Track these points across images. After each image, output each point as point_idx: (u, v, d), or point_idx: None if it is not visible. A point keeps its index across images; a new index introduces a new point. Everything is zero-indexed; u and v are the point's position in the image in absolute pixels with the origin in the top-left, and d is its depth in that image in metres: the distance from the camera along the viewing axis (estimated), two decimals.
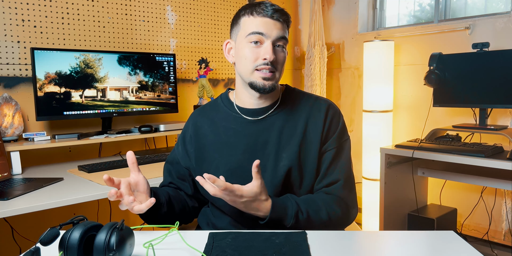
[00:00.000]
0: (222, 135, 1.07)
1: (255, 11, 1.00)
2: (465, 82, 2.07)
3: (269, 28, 1.00)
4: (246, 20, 1.02)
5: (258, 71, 1.00)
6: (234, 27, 1.06)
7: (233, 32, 1.07)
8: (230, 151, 1.05)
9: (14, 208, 1.22)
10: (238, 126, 1.07)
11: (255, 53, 1.00)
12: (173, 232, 0.89)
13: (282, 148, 1.04)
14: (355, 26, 2.87)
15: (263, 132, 1.06)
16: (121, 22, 2.21)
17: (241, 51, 1.02)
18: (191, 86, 2.53)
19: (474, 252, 0.80)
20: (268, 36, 1.00)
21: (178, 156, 1.13)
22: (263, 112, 1.07)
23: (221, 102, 1.14)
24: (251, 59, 1.00)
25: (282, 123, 1.06)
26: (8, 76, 1.87)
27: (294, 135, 1.05)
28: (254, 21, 1.00)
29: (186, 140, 1.13)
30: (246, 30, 1.01)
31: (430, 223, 2.15)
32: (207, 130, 1.09)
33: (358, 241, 0.89)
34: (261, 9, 1.00)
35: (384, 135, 2.55)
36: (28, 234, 1.89)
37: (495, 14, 2.27)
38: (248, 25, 1.01)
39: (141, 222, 2.36)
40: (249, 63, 1.01)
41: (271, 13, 1.00)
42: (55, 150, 2.00)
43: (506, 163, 1.66)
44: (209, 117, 1.12)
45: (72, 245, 0.69)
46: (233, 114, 1.09)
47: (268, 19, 1.00)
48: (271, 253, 0.78)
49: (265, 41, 1.00)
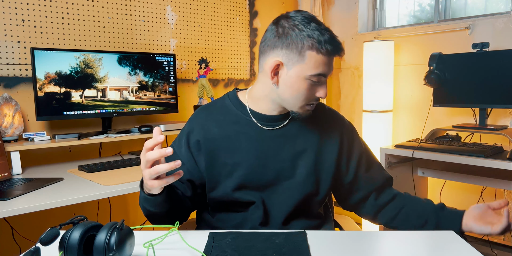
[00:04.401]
0: (234, 140, 1.03)
1: (326, 48, 0.92)
2: (465, 82, 2.07)
3: (331, 67, 0.97)
4: (314, 57, 0.92)
5: (309, 106, 1.00)
6: (291, 51, 0.93)
7: (287, 56, 0.94)
8: (243, 156, 1.02)
9: (14, 208, 1.22)
10: (251, 131, 1.04)
11: (311, 90, 0.97)
12: (173, 232, 0.89)
13: (297, 155, 1.03)
14: (355, 26, 2.87)
15: (277, 138, 1.04)
16: (121, 22, 2.21)
17: (296, 85, 0.95)
18: (191, 86, 2.53)
19: (474, 252, 0.80)
20: (328, 75, 0.97)
21: (181, 157, 1.06)
22: (279, 119, 1.05)
23: (230, 103, 1.08)
24: (306, 96, 0.97)
25: (297, 130, 1.06)
26: (8, 76, 1.87)
27: (309, 143, 1.05)
28: (323, 61, 0.93)
29: (191, 143, 1.06)
30: (311, 69, 0.93)
31: None
32: (216, 134, 1.04)
33: (358, 241, 0.89)
34: (333, 47, 0.93)
35: (384, 135, 2.55)
36: (28, 234, 1.89)
37: (495, 14, 2.27)
38: (315, 64, 0.93)
39: (141, 222, 2.36)
40: (302, 98, 0.97)
41: (340, 51, 0.95)
42: (55, 150, 2.00)
43: (506, 163, 1.66)
44: (217, 120, 1.06)
45: (72, 245, 0.69)
46: (246, 118, 1.05)
47: (334, 57, 0.96)
48: (271, 253, 0.78)
49: (324, 80, 0.97)
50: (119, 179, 1.53)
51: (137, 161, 1.81)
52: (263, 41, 0.99)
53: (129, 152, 2.18)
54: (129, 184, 1.49)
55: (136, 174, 1.62)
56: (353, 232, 0.98)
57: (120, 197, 2.24)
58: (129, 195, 2.29)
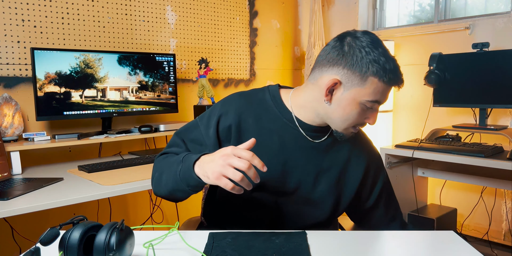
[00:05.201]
0: (267, 138, 0.99)
1: (389, 78, 0.89)
2: (465, 82, 2.07)
3: (387, 97, 0.95)
4: (375, 84, 0.90)
5: (353, 128, 0.98)
6: (353, 73, 0.90)
7: (348, 77, 0.91)
8: (271, 158, 0.98)
9: (14, 208, 1.22)
10: (287, 136, 1.00)
11: (362, 115, 0.95)
12: (173, 232, 0.89)
13: (323, 172, 1.02)
14: (355, 26, 2.87)
15: (309, 149, 1.01)
16: (121, 22, 2.21)
17: (349, 107, 0.93)
18: (191, 86, 2.53)
19: (474, 252, 0.80)
20: (382, 103, 0.95)
21: (205, 138, 1.00)
22: (318, 131, 1.02)
23: (271, 100, 1.03)
24: (356, 119, 0.95)
25: (328, 146, 1.04)
26: (8, 76, 1.87)
27: (336, 161, 1.04)
28: (384, 90, 0.91)
29: (221, 127, 0.99)
30: (369, 95, 0.91)
31: (430, 223, 2.15)
32: (251, 126, 0.99)
33: (358, 241, 0.89)
34: (396, 78, 0.91)
35: (384, 135, 2.55)
36: (28, 234, 1.89)
37: (495, 14, 2.27)
38: (374, 90, 0.90)
39: (141, 222, 2.36)
40: (351, 121, 0.95)
41: (400, 84, 0.93)
42: (55, 150, 2.00)
43: (506, 163, 1.66)
44: (255, 112, 1.01)
45: (72, 245, 0.69)
46: (284, 120, 1.01)
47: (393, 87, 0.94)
48: (271, 253, 0.78)
49: (377, 107, 0.95)
50: (119, 179, 1.53)
51: (137, 161, 1.81)
52: (324, 54, 0.95)
53: (129, 152, 2.18)
54: (129, 184, 1.49)
55: (136, 174, 1.62)
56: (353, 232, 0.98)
57: (120, 197, 2.24)
58: (129, 195, 2.29)
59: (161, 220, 2.39)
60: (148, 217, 2.38)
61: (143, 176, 1.57)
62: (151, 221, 2.37)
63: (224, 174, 0.77)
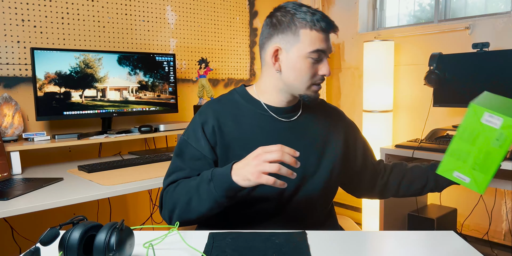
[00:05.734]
0: (248, 133, 1.04)
1: (317, 24, 0.96)
2: (465, 82, 2.07)
3: (328, 44, 0.99)
4: (308, 34, 0.96)
5: (315, 86, 1.02)
6: (286, 35, 0.98)
7: (283, 40, 0.98)
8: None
9: (14, 208, 1.22)
10: (266, 124, 1.05)
11: (314, 69, 0.99)
12: (173, 232, 0.89)
13: (308, 147, 1.06)
14: (355, 26, 2.87)
15: (290, 130, 1.07)
16: (121, 22, 2.21)
17: (298, 65, 0.99)
18: (191, 86, 2.53)
19: (474, 252, 0.80)
20: (327, 52, 1.00)
21: (200, 151, 1.02)
22: (290, 111, 1.08)
23: (241, 99, 1.08)
24: (310, 75, 0.99)
25: (307, 124, 1.09)
26: (8, 76, 1.86)
27: (318, 138, 1.09)
28: (318, 38, 0.97)
29: (207, 133, 1.03)
30: (308, 46, 0.96)
31: (430, 223, 2.15)
32: (231, 128, 1.04)
33: (358, 241, 0.89)
34: (325, 23, 0.96)
35: (384, 135, 2.55)
36: (28, 234, 1.89)
37: (495, 14, 2.27)
38: (311, 41, 0.96)
39: (141, 222, 2.36)
40: (307, 79, 1.00)
41: (333, 28, 0.98)
42: (55, 150, 2.00)
43: (506, 163, 1.66)
44: (231, 113, 1.06)
45: (72, 245, 0.69)
46: (258, 112, 1.06)
47: (329, 34, 0.99)
48: (271, 253, 0.78)
49: (324, 57, 1.00)
50: (119, 179, 1.53)
51: (137, 161, 1.81)
52: (261, 36, 1.04)
53: (129, 152, 2.18)
54: (129, 184, 1.49)
55: (136, 174, 1.62)
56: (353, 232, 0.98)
57: (120, 197, 2.24)
58: (129, 195, 2.30)
59: (161, 220, 2.39)
60: (148, 217, 2.38)
61: (143, 176, 1.57)
62: (151, 221, 2.37)
63: (262, 171, 0.81)
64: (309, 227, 0.99)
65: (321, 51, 0.98)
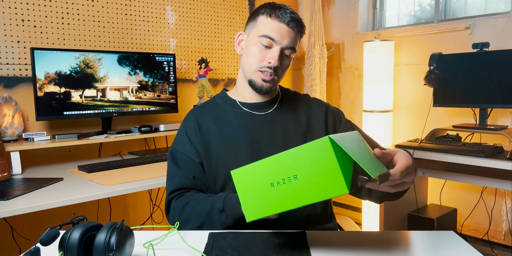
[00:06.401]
0: (227, 130, 1.08)
1: (274, 14, 1.02)
2: (465, 82, 2.07)
3: (281, 35, 1.02)
4: (263, 20, 1.03)
5: (261, 72, 1.04)
6: (250, 21, 1.08)
7: (248, 26, 1.09)
8: (237, 145, 1.06)
9: (14, 208, 1.22)
10: (243, 121, 1.09)
11: (262, 54, 1.03)
12: (173, 232, 0.89)
13: (289, 139, 1.07)
14: (355, 26, 2.87)
15: (268, 124, 1.09)
16: (121, 22, 2.21)
17: (250, 48, 1.05)
18: (191, 86, 2.53)
19: (474, 252, 0.80)
20: (278, 43, 1.02)
21: (189, 155, 1.07)
22: (266, 106, 1.11)
23: (220, 101, 1.15)
24: (257, 59, 1.03)
25: (286, 116, 1.11)
26: (8, 76, 1.86)
27: (299, 127, 1.10)
28: (270, 24, 1.02)
29: (190, 136, 1.09)
30: (260, 30, 1.03)
31: (430, 223, 2.15)
32: (210, 127, 1.09)
33: (358, 241, 0.89)
34: (280, 14, 1.01)
35: (384, 135, 2.55)
36: (28, 234, 1.89)
37: (495, 14, 2.27)
38: (263, 25, 1.03)
39: (141, 222, 2.36)
40: (254, 62, 1.04)
41: (288, 20, 1.01)
42: (55, 150, 2.00)
43: (506, 163, 1.66)
44: (211, 114, 1.12)
45: (72, 245, 0.69)
46: (236, 110, 1.11)
47: (284, 26, 1.02)
48: (271, 253, 0.78)
49: (275, 46, 1.02)
50: (119, 179, 1.53)
51: (137, 161, 1.81)
52: None
53: (129, 152, 2.18)
54: (129, 184, 1.49)
55: (136, 174, 1.62)
56: (353, 232, 0.98)
57: (120, 197, 2.24)
58: (129, 195, 2.30)
59: (161, 220, 2.39)
60: (148, 217, 2.38)
61: (143, 176, 1.57)
62: (151, 221, 2.37)
63: None
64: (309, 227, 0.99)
65: (270, 38, 1.01)
